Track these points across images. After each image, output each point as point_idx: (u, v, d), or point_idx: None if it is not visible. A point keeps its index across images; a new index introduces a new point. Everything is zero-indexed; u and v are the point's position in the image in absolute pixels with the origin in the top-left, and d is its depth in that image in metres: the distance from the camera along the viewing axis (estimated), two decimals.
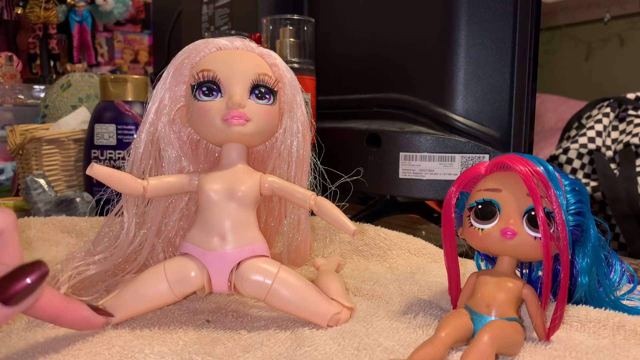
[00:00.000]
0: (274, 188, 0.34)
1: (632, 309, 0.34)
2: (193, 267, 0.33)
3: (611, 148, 1.13)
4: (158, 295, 0.32)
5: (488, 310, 0.29)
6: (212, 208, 0.33)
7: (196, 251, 0.33)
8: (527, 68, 0.51)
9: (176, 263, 0.33)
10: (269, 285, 0.32)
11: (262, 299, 0.32)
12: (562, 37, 1.85)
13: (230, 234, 0.32)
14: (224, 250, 0.32)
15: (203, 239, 0.33)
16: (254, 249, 0.33)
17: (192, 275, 0.32)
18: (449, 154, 0.52)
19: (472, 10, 0.51)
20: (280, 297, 0.32)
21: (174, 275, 0.32)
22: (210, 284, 0.33)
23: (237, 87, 0.33)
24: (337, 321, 0.32)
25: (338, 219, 0.34)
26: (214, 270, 0.33)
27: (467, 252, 0.38)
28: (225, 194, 0.33)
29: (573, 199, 0.31)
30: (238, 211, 0.33)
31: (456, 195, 0.32)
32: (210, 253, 0.32)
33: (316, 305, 0.32)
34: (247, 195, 0.33)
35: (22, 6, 1.30)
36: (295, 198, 0.35)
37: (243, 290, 0.32)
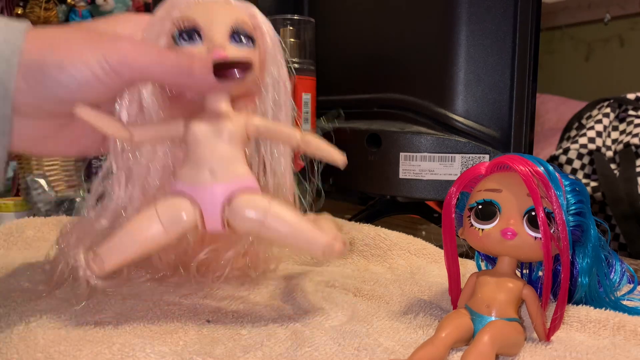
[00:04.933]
0: (259, 129, 0.34)
1: (633, 309, 0.34)
2: (185, 204, 0.32)
3: (611, 148, 1.13)
4: (152, 237, 0.31)
5: (488, 311, 0.29)
6: (201, 145, 0.32)
7: (187, 187, 0.32)
8: (528, 68, 0.51)
9: (167, 202, 0.32)
10: (263, 219, 0.31)
11: (256, 233, 0.32)
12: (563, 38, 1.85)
13: (220, 168, 0.32)
14: (215, 183, 0.32)
15: (193, 175, 0.32)
16: (245, 182, 0.32)
17: (185, 212, 0.32)
18: (449, 154, 0.52)
19: (472, 10, 0.51)
20: (274, 230, 0.31)
21: (166, 214, 0.31)
22: (203, 221, 0.32)
23: (217, 32, 0.33)
24: (332, 249, 0.31)
25: (326, 150, 0.34)
26: (206, 205, 0.32)
27: (468, 252, 0.38)
28: (213, 132, 0.33)
29: (573, 199, 0.31)
30: (227, 147, 0.33)
31: (456, 196, 0.32)
32: (201, 187, 0.32)
33: (310, 235, 0.31)
34: (234, 132, 0.33)
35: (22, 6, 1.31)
36: (283, 136, 0.35)
37: (237, 225, 0.32)
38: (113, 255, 0.31)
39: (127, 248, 0.31)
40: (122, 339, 0.29)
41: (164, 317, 0.34)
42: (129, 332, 0.31)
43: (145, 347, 0.28)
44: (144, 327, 0.32)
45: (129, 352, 0.28)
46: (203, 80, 0.31)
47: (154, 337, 0.30)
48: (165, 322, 0.33)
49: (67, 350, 0.28)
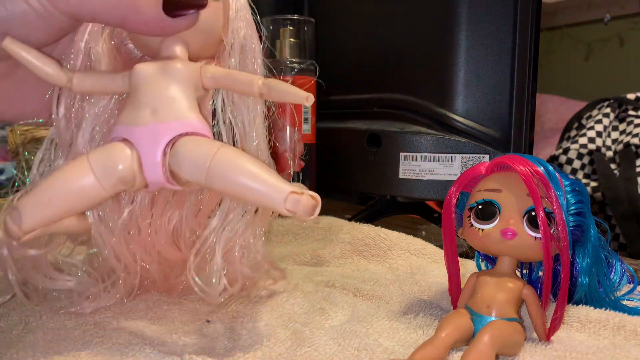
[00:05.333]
0: (215, 76, 0.30)
1: (633, 309, 0.34)
2: (121, 150, 0.27)
3: (611, 148, 1.13)
4: (82, 189, 0.27)
5: (488, 311, 0.29)
6: (144, 85, 0.28)
7: (124, 130, 0.28)
8: (528, 68, 0.51)
9: (101, 149, 0.28)
10: (209, 159, 0.26)
11: (202, 182, 0.27)
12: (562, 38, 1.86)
13: (163, 106, 0.28)
14: (155, 123, 0.27)
15: (132, 116, 0.28)
16: (191, 124, 0.28)
17: (120, 159, 0.27)
18: (449, 154, 0.52)
19: (472, 10, 0.51)
20: (223, 177, 0.26)
21: (98, 162, 0.27)
22: (142, 171, 0.28)
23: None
24: (297, 203, 0.25)
25: (288, 91, 0.29)
26: (144, 149, 0.27)
27: (468, 252, 0.38)
28: (158, 70, 0.29)
29: (573, 199, 0.31)
30: (174, 86, 0.28)
31: (456, 196, 0.32)
32: (139, 128, 0.27)
33: (268, 183, 0.25)
34: (184, 73, 0.29)
35: None
36: (241, 84, 0.30)
37: (180, 171, 0.27)
38: (34, 211, 0.26)
39: (52, 202, 0.26)
40: (122, 339, 0.29)
41: (164, 317, 0.34)
42: (129, 332, 0.31)
43: (145, 347, 0.28)
44: (144, 327, 0.32)
45: (129, 352, 0.28)
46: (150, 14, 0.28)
47: (153, 337, 0.30)
48: (165, 322, 0.33)
49: (66, 350, 0.28)
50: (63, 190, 0.27)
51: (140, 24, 0.28)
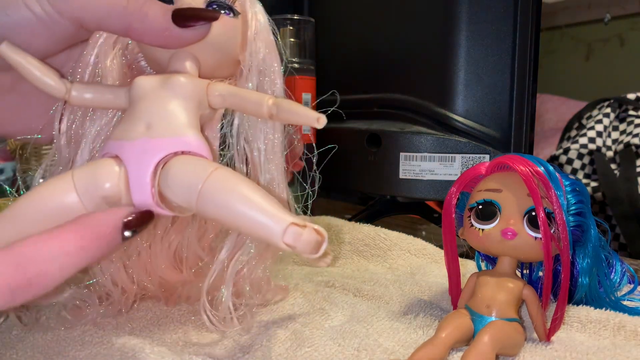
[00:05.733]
0: (224, 95, 0.28)
1: (633, 309, 0.34)
2: (108, 167, 0.25)
3: (611, 148, 1.13)
4: (62, 209, 0.24)
5: (488, 311, 0.29)
6: (142, 98, 0.26)
7: (115, 146, 0.25)
8: (528, 68, 0.51)
9: (87, 165, 0.26)
10: (200, 184, 0.23)
11: (192, 206, 0.24)
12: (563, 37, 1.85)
13: (158, 121, 0.25)
14: (147, 138, 0.25)
15: (126, 130, 0.26)
16: (186, 141, 0.25)
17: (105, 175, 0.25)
18: (449, 154, 0.52)
19: (472, 10, 0.51)
20: (216, 202, 0.23)
21: (82, 179, 0.25)
22: (129, 191, 0.25)
23: None
24: (298, 237, 0.22)
25: (298, 112, 0.26)
26: (133, 166, 0.25)
27: (468, 252, 0.38)
28: (159, 83, 0.27)
29: (574, 199, 0.31)
30: (173, 102, 0.26)
31: (456, 196, 0.32)
32: (130, 143, 0.25)
33: (266, 211, 0.22)
34: (186, 85, 0.27)
35: None
36: (250, 103, 0.27)
37: (169, 194, 0.24)
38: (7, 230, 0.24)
39: (27, 220, 0.24)
40: (121, 340, 0.29)
41: (164, 317, 0.34)
42: (128, 332, 0.31)
43: (144, 347, 0.28)
44: (143, 328, 0.32)
45: (128, 353, 0.28)
46: (157, 22, 0.26)
47: (153, 337, 0.30)
48: (164, 323, 0.33)
49: (66, 350, 0.28)
50: (42, 208, 0.24)
51: (146, 32, 0.27)
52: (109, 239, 0.23)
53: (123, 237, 0.23)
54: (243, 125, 0.31)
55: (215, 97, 0.28)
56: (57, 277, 0.21)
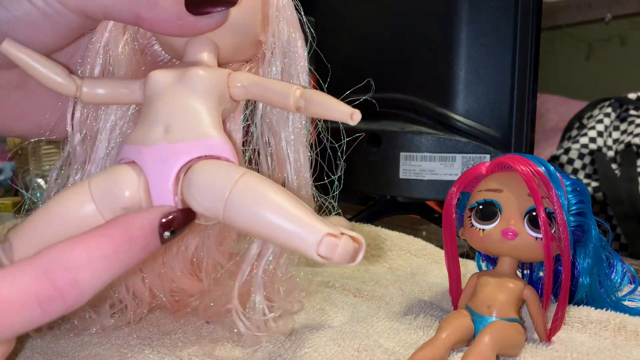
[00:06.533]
0: (247, 86, 0.26)
1: (634, 309, 0.34)
2: (126, 174, 0.23)
3: (612, 148, 1.13)
4: (81, 221, 0.23)
5: (489, 311, 0.29)
6: (159, 97, 0.24)
7: (133, 151, 0.24)
8: (528, 68, 0.51)
9: (105, 173, 0.24)
10: (227, 192, 0.22)
11: (219, 216, 0.22)
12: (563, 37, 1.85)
13: (178, 123, 0.23)
14: (167, 143, 0.23)
15: (143, 134, 0.24)
16: (210, 145, 0.23)
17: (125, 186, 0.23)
18: (450, 154, 0.52)
19: (472, 10, 0.51)
20: (244, 211, 0.21)
21: (100, 189, 0.23)
22: (150, 199, 0.23)
23: None
24: (333, 248, 0.21)
25: (331, 106, 0.24)
26: (153, 174, 0.23)
27: (468, 252, 0.38)
28: (176, 79, 0.25)
29: (574, 199, 0.30)
30: (192, 99, 0.24)
31: (457, 196, 0.32)
32: (148, 149, 0.23)
33: (300, 221, 0.21)
34: (204, 81, 0.24)
35: None
36: (275, 94, 0.25)
37: (194, 203, 0.23)
38: (27, 243, 0.23)
39: (46, 233, 0.23)
40: (120, 340, 0.29)
41: (163, 318, 0.33)
42: (128, 332, 0.31)
43: (144, 348, 0.28)
44: (143, 328, 0.32)
45: (128, 353, 0.28)
46: (168, 10, 0.24)
47: (152, 337, 0.30)
48: (164, 323, 0.33)
49: (65, 351, 0.28)
50: (59, 220, 0.23)
51: (157, 21, 0.25)
52: (146, 242, 0.21)
53: (162, 239, 0.21)
54: (267, 114, 0.28)
55: (237, 89, 0.26)
56: (90, 285, 0.19)
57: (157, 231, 0.21)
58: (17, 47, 0.25)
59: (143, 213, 0.22)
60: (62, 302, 0.19)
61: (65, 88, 0.26)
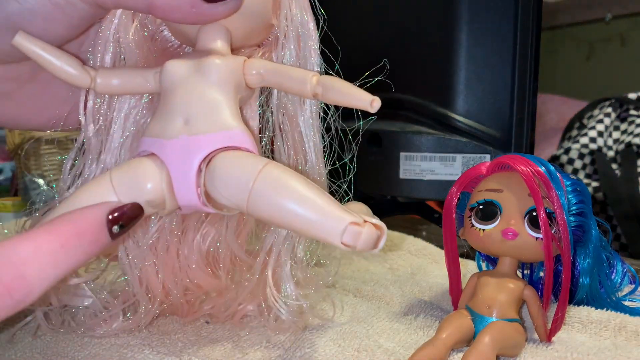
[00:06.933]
0: (263, 73, 0.26)
1: (634, 310, 0.34)
2: (148, 167, 0.24)
3: (612, 148, 1.12)
4: None
5: (489, 311, 0.29)
6: (176, 88, 0.24)
7: (153, 144, 0.24)
8: (529, 68, 0.51)
9: (126, 166, 0.24)
10: (251, 181, 0.22)
11: (243, 206, 0.22)
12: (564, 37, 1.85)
13: (198, 115, 0.24)
14: (187, 136, 0.23)
15: (162, 126, 0.24)
16: (231, 136, 0.24)
17: (147, 179, 0.23)
18: (450, 154, 0.52)
19: (473, 9, 0.51)
20: (269, 201, 0.22)
21: (123, 182, 0.23)
22: (173, 192, 0.24)
23: None
24: (357, 236, 0.21)
25: (349, 93, 0.25)
26: (175, 166, 0.23)
27: (468, 252, 0.38)
28: (193, 69, 0.25)
29: (575, 199, 0.30)
30: (211, 90, 0.24)
31: (457, 196, 0.32)
32: (170, 142, 0.23)
33: (324, 210, 0.21)
34: (224, 72, 0.24)
35: None
36: (292, 81, 0.25)
37: (217, 194, 0.23)
38: None
39: None
40: (120, 340, 0.29)
41: (162, 318, 0.33)
42: (127, 333, 0.31)
43: (144, 348, 0.28)
44: (142, 328, 0.32)
45: (127, 353, 0.28)
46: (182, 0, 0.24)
47: (152, 338, 0.30)
48: (164, 323, 0.33)
49: (65, 351, 0.28)
50: None
51: (170, 9, 0.24)
52: (94, 236, 0.21)
53: (112, 234, 0.21)
54: (282, 100, 0.28)
55: (253, 76, 0.26)
56: (37, 280, 0.19)
57: (106, 226, 0.21)
58: (30, 39, 0.25)
59: (90, 208, 0.22)
60: (10, 297, 0.18)
61: (79, 80, 0.26)
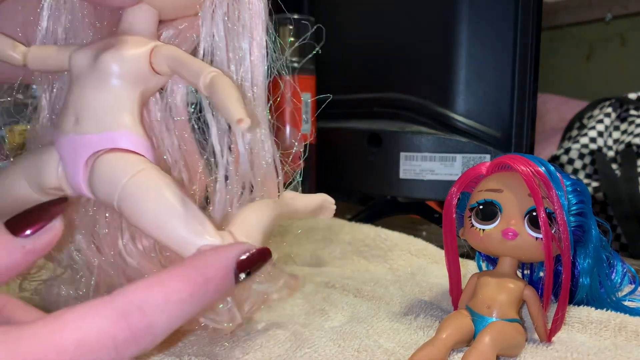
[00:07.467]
0: (168, 61, 0.25)
1: (634, 310, 0.34)
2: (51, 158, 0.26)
3: (612, 148, 1.12)
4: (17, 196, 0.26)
5: (489, 312, 0.29)
6: (73, 83, 0.25)
7: (55, 136, 0.26)
8: (529, 68, 0.51)
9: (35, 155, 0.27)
10: (122, 184, 0.23)
11: (112, 203, 0.24)
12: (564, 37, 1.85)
13: (88, 116, 0.25)
14: (75, 135, 0.25)
15: (61, 121, 0.26)
16: (117, 137, 0.24)
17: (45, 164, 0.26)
18: (450, 154, 0.52)
19: (473, 9, 0.51)
20: (131, 204, 0.23)
21: (31, 169, 0.26)
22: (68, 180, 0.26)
23: None
24: None
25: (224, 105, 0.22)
26: (66, 160, 0.25)
27: (468, 252, 0.38)
28: (92, 64, 0.25)
29: (575, 199, 0.30)
30: (106, 87, 0.25)
31: (457, 196, 0.32)
32: (63, 138, 0.25)
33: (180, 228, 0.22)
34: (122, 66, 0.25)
35: None
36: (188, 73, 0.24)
37: (96, 192, 0.25)
38: None
39: None
40: None
41: None
42: None
43: None
44: None
45: None
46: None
47: None
48: None
49: None
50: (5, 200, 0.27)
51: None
52: (221, 284, 0.21)
53: (237, 280, 0.21)
54: None
55: (162, 64, 0.25)
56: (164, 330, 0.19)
57: (233, 272, 0.21)
58: None
59: (220, 253, 0.21)
60: (136, 345, 0.18)
61: (12, 59, 0.27)
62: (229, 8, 0.26)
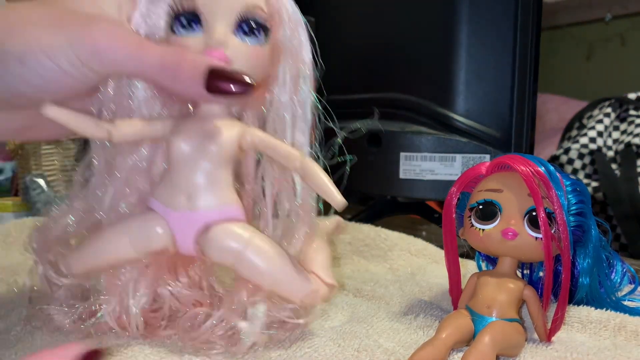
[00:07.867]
0: (256, 142, 0.30)
1: (634, 309, 0.34)
2: (158, 226, 0.29)
3: (612, 148, 1.12)
4: (117, 250, 0.29)
5: (489, 311, 0.29)
6: (180, 163, 0.29)
7: (161, 209, 0.29)
8: (529, 68, 0.51)
9: (140, 218, 0.30)
10: (239, 251, 0.28)
11: (230, 266, 0.29)
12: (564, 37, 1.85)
13: (198, 194, 0.29)
14: (189, 211, 0.29)
15: (169, 197, 0.29)
16: (225, 211, 0.29)
17: (155, 233, 0.29)
18: (450, 154, 0.52)
19: (473, 9, 0.51)
20: (250, 266, 0.28)
21: (136, 233, 0.29)
22: (176, 245, 0.30)
23: (220, 21, 0.28)
24: (314, 299, 0.29)
25: (323, 188, 0.29)
26: (179, 231, 0.29)
27: (468, 252, 0.38)
28: (195, 148, 0.29)
29: (574, 199, 0.30)
30: (210, 169, 0.29)
31: (457, 196, 0.32)
32: (175, 213, 0.29)
33: (291, 280, 0.29)
34: (221, 150, 0.29)
35: None
36: (280, 156, 0.29)
37: (211, 255, 0.29)
38: (80, 265, 0.30)
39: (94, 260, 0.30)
40: (120, 340, 0.29)
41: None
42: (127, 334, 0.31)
43: (144, 348, 0.28)
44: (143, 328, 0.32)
45: (128, 353, 0.28)
46: (190, 88, 0.27)
47: (152, 338, 0.30)
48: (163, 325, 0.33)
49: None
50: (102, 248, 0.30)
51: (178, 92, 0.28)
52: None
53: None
54: None
55: (247, 143, 0.30)
56: None
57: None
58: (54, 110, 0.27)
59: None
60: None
61: (98, 136, 0.29)
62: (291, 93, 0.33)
